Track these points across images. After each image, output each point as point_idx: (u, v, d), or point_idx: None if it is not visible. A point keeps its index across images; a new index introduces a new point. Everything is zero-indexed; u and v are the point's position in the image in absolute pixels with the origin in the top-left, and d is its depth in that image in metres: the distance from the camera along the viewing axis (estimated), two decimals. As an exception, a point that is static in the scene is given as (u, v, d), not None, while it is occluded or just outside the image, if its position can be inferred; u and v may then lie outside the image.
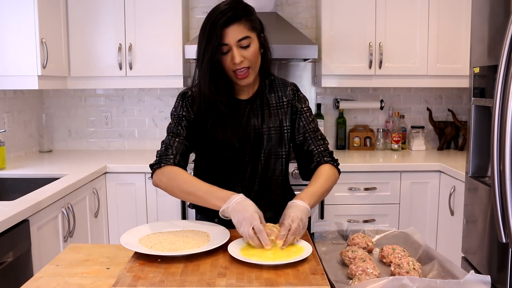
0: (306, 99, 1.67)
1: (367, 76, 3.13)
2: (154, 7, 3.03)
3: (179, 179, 1.46)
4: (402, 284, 1.04)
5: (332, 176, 1.55)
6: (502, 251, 1.82)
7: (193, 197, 1.43)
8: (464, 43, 3.06)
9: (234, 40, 1.44)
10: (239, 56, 1.44)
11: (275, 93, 1.63)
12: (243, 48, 1.46)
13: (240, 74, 1.48)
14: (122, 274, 1.15)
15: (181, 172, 1.48)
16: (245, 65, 1.47)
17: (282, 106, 1.62)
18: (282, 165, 1.62)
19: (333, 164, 1.57)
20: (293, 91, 1.65)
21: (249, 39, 1.46)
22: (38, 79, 2.61)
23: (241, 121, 1.56)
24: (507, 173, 1.63)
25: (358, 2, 3.07)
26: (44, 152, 3.34)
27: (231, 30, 1.43)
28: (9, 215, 1.72)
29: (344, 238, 1.48)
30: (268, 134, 1.58)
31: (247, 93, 1.61)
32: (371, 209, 2.91)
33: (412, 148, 3.45)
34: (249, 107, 1.60)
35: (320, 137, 1.62)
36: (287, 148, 1.62)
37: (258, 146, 1.58)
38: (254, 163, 1.59)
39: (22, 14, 2.56)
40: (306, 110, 1.64)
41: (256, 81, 1.61)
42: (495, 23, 1.90)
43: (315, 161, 1.58)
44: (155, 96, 3.47)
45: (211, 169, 1.61)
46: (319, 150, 1.59)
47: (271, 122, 1.59)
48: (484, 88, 2.01)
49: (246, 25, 1.46)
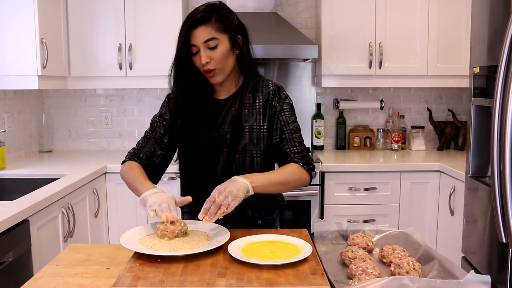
0: (288, 100, 1.64)
1: (367, 76, 3.13)
2: (154, 7, 3.03)
3: (129, 172, 1.56)
4: (402, 284, 1.04)
5: (294, 173, 1.52)
6: (502, 251, 1.82)
7: (130, 187, 1.55)
8: (464, 43, 3.06)
9: (200, 41, 1.50)
10: (205, 57, 1.50)
11: (256, 93, 1.63)
12: (211, 49, 1.51)
13: (207, 74, 1.55)
14: (122, 274, 1.15)
15: (133, 165, 1.58)
16: (211, 66, 1.52)
17: (261, 105, 1.62)
18: (257, 163, 1.60)
19: (302, 165, 1.55)
20: (274, 91, 1.63)
21: (216, 41, 1.50)
22: (38, 79, 2.61)
23: (215, 119, 1.58)
24: (507, 173, 1.63)
25: (358, 2, 3.07)
26: (44, 152, 3.34)
27: (198, 32, 1.50)
28: (9, 215, 1.72)
29: (344, 238, 1.48)
30: (244, 133, 1.59)
31: (227, 92, 1.63)
32: (371, 209, 2.91)
33: (412, 148, 3.45)
34: (227, 106, 1.61)
35: (296, 139, 1.59)
36: (263, 147, 1.60)
37: (234, 145, 1.59)
38: (229, 161, 1.59)
39: (22, 14, 2.56)
40: (286, 110, 1.61)
41: (236, 80, 1.64)
42: (495, 23, 1.90)
43: (286, 161, 1.57)
44: (155, 96, 3.47)
45: (189, 167, 1.65)
46: (293, 151, 1.57)
47: (248, 121, 1.60)
48: (484, 88, 2.01)
49: (215, 27, 1.50)
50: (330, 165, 2.89)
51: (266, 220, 1.67)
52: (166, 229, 1.35)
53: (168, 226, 1.35)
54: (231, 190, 1.34)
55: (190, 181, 1.66)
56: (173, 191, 2.77)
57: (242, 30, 1.59)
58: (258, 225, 1.65)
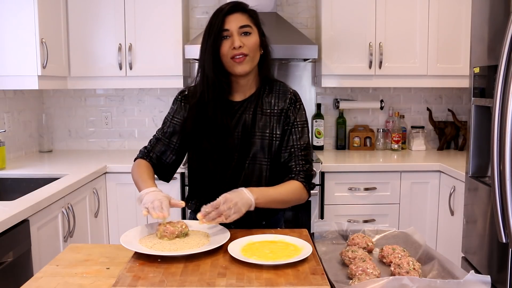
0: (303, 111, 1.63)
1: (367, 76, 3.13)
2: (154, 7, 3.03)
3: (135, 170, 1.59)
4: (402, 284, 1.04)
5: (296, 193, 1.53)
6: (502, 251, 1.82)
7: (136, 185, 1.56)
8: (464, 43, 3.06)
9: (236, 26, 1.50)
10: (239, 41, 1.49)
11: (272, 99, 1.61)
12: (244, 35, 1.51)
13: (238, 58, 1.51)
14: (122, 274, 1.15)
15: (141, 164, 1.61)
16: (244, 51, 1.50)
17: (276, 113, 1.60)
18: (266, 171, 1.58)
19: (304, 184, 1.55)
20: (291, 100, 1.61)
21: (250, 29, 1.52)
22: (38, 79, 2.61)
23: (230, 125, 1.56)
24: (507, 173, 1.63)
25: (358, 2, 3.07)
26: (44, 152, 3.34)
27: (234, 17, 1.51)
28: (9, 215, 1.72)
29: (344, 238, 1.48)
30: (255, 139, 1.57)
31: (243, 94, 1.61)
32: (371, 209, 2.91)
33: (412, 148, 3.45)
34: (242, 110, 1.59)
35: (303, 156, 1.58)
36: (272, 156, 1.59)
37: (245, 151, 1.57)
38: (239, 167, 1.58)
39: (22, 14, 2.56)
40: (300, 124, 1.60)
41: (254, 83, 1.61)
42: (495, 23, 1.90)
43: (289, 176, 1.56)
44: (155, 96, 3.47)
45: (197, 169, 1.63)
46: (297, 169, 1.56)
47: (261, 128, 1.58)
48: (484, 88, 2.01)
49: (250, 17, 1.53)
50: (330, 165, 2.89)
51: (271, 221, 1.67)
52: (166, 230, 1.35)
53: (167, 228, 1.35)
54: (236, 203, 1.34)
55: (197, 183, 1.65)
56: (173, 191, 2.78)
57: (264, 34, 1.61)
58: (263, 225, 1.64)
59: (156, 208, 1.35)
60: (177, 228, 1.36)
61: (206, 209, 1.34)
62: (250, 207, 1.39)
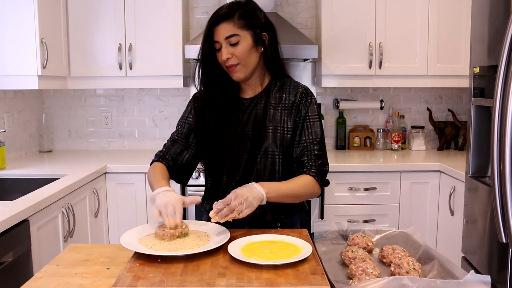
0: (315, 106, 1.62)
1: (367, 76, 3.13)
2: (154, 7, 3.03)
3: (150, 172, 1.59)
4: (402, 284, 1.04)
5: (308, 187, 1.53)
6: (502, 251, 1.82)
7: (150, 184, 1.55)
8: (464, 43, 3.06)
9: (222, 37, 1.52)
10: (226, 53, 1.52)
11: (283, 93, 1.62)
12: (232, 46, 1.52)
13: (229, 69, 1.55)
14: (122, 274, 1.15)
15: (156, 166, 1.60)
16: (233, 62, 1.53)
17: (287, 107, 1.60)
18: (279, 165, 1.59)
19: (316, 179, 1.55)
20: (302, 94, 1.62)
21: (237, 37, 1.51)
22: (38, 79, 2.61)
23: (241, 116, 1.58)
24: (507, 173, 1.63)
25: (358, 2, 3.07)
26: (44, 152, 3.35)
27: (220, 28, 1.52)
28: (9, 215, 1.72)
29: (344, 238, 1.48)
30: (267, 133, 1.58)
31: (252, 91, 1.63)
32: (371, 209, 2.91)
33: (412, 148, 3.45)
34: (252, 105, 1.61)
35: (316, 150, 1.58)
36: (285, 149, 1.59)
37: (257, 145, 1.58)
38: (251, 162, 1.58)
39: (22, 14, 2.56)
40: (312, 117, 1.60)
41: (261, 79, 1.63)
42: (495, 23, 1.90)
43: (301, 171, 1.56)
44: (155, 96, 3.47)
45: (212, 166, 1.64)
46: (310, 164, 1.56)
47: (273, 122, 1.58)
48: (484, 88, 2.01)
49: (237, 23, 1.51)
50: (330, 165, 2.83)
51: (286, 223, 1.64)
52: (166, 233, 1.34)
53: (167, 232, 1.34)
54: (247, 197, 1.34)
55: (212, 180, 1.65)
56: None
57: (270, 28, 1.60)
58: (278, 227, 1.62)
59: (170, 215, 1.34)
60: (177, 230, 1.35)
61: (218, 206, 1.33)
62: (261, 201, 1.39)
